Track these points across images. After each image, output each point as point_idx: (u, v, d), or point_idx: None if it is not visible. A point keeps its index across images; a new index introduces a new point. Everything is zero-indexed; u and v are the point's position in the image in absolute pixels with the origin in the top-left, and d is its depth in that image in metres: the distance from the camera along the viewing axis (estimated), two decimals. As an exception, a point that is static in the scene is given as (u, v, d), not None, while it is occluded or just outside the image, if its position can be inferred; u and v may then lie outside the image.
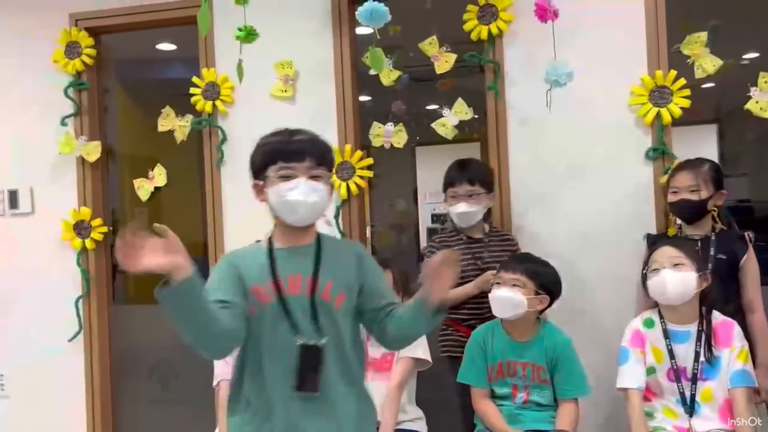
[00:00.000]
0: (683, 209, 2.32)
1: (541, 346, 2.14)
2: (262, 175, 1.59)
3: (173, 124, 3.10)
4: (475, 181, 2.42)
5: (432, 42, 2.81)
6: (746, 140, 5.69)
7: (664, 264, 2.01)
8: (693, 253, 2.04)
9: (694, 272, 1.98)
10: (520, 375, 2.14)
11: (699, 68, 2.57)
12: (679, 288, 1.99)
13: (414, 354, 2.20)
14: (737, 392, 1.94)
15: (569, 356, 2.12)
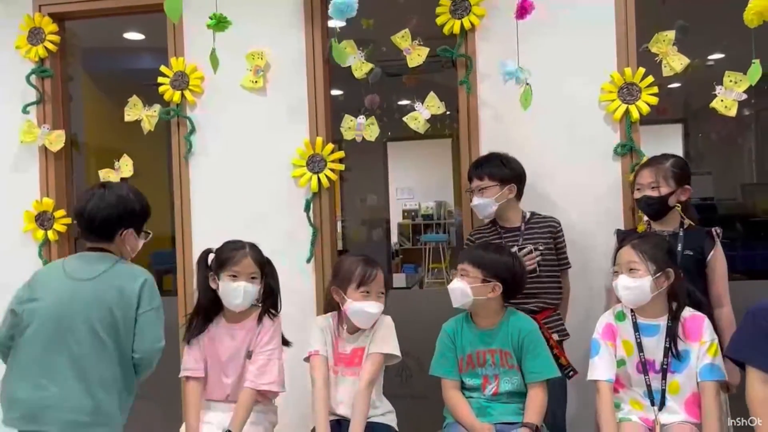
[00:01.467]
0: (645, 206, 2.37)
1: (506, 331, 2.15)
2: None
3: (140, 114, 3.04)
4: (484, 175, 2.48)
5: (404, 35, 2.80)
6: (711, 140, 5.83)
7: (621, 269, 2.05)
8: (653, 251, 2.03)
9: (649, 276, 1.99)
10: (489, 363, 2.15)
11: (666, 66, 2.61)
12: (632, 295, 2.02)
13: (383, 350, 2.19)
14: (706, 386, 1.96)
15: (535, 340, 2.14)
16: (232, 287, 2.18)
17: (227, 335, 2.25)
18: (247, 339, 2.23)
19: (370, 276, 2.15)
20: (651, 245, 2.06)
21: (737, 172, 5.76)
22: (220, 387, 2.25)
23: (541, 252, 2.43)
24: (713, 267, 2.31)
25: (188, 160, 3.03)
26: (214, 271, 2.22)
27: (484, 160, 2.54)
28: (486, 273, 2.12)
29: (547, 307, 2.45)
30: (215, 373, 2.25)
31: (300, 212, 2.92)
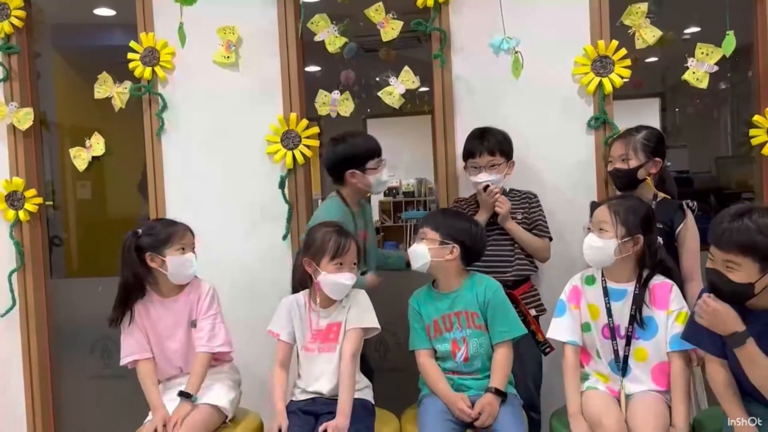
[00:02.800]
0: (615, 178, 2.39)
1: (471, 292, 2.16)
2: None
3: (111, 91, 2.98)
4: (495, 151, 2.46)
5: (378, 9, 2.77)
6: (687, 113, 5.86)
7: (594, 228, 2.04)
8: (627, 215, 2.00)
9: (614, 238, 1.98)
10: (456, 326, 2.15)
11: (639, 39, 2.61)
12: (594, 255, 2.02)
13: (363, 324, 2.20)
14: (675, 355, 1.96)
15: (500, 299, 2.16)
16: (185, 259, 2.25)
17: (164, 309, 2.29)
18: (185, 310, 2.29)
19: (343, 248, 2.14)
20: (626, 207, 2.02)
21: (713, 146, 5.81)
22: (169, 362, 2.30)
23: (518, 220, 2.45)
24: (682, 240, 2.28)
25: (160, 137, 2.99)
26: (153, 250, 2.24)
27: (489, 133, 2.48)
28: (443, 235, 2.15)
29: (522, 277, 2.46)
30: (161, 350, 2.29)
31: (275, 189, 2.90)
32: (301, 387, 2.22)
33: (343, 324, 2.20)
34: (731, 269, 1.69)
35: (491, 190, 2.42)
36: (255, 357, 2.59)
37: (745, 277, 1.68)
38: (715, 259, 1.73)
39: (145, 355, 2.26)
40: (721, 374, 1.80)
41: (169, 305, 2.29)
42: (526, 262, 2.49)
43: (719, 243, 1.70)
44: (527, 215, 2.50)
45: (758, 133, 2.59)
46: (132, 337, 2.27)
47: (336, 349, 2.19)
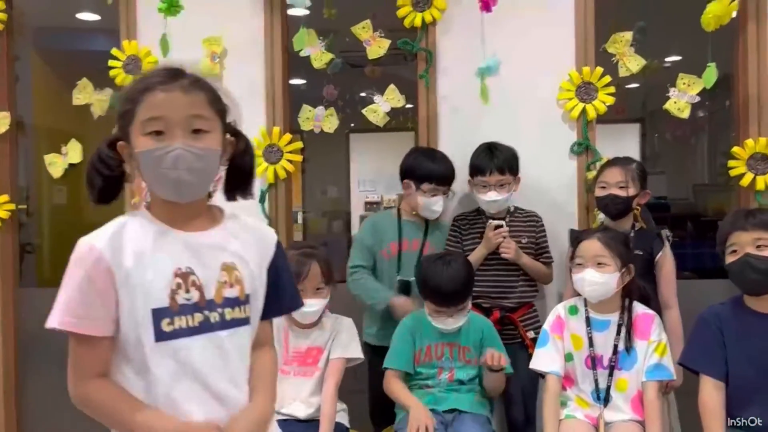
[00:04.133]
0: (611, 204, 2.35)
1: (468, 330, 2.18)
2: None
3: (90, 98, 2.93)
4: (505, 169, 2.43)
5: (365, 26, 2.77)
6: (666, 140, 5.95)
7: (587, 262, 2.02)
8: (619, 246, 2.04)
9: (616, 272, 1.99)
10: (447, 356, 2.17)
11: (623, 67, 2.64)
12: (600, 290, 2.01)
13: (347, 354, 2.18)
14: (649, 385, 1.97)
15: (494, 336, 2.21)
16: None
17: None
18: None
19: (301, 272, 2.07)
20: (616, 239, 2.04)
21: (690, 173, 5.90)
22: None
23: (523, 245, 2.44)
24: (660, 268, 2.33)
25: (140, 146, 2.94)
26: None
27: (498, 151, 2.45)
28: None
29: (524, 303, 2.47)
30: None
31: (256, 203, 2.87)
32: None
33: (324, 349, 2.17)
34: (763, 247, 1.76)
35: (500, 232, 2.39)
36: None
37: None
38: (741, 243, 1.78)
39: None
40: (714, 398, 1.81)
41: None
42: (529, 287, 2.49)
43: (746, 225, 1.78)
44: (533, 240, 2.49)
45: (737, 164, 2.63)
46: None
47: (314, 374, 2.16)
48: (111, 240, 1.20)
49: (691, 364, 1.91)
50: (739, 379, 1.81)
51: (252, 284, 1.30)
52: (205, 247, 1.26)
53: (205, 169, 1.22)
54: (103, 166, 1.25)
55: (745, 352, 1.81)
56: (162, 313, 1.20)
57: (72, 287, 1.19)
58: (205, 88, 1.23)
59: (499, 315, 2.41)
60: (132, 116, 1.20)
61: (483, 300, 2.45)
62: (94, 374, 1.22)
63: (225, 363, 1.26)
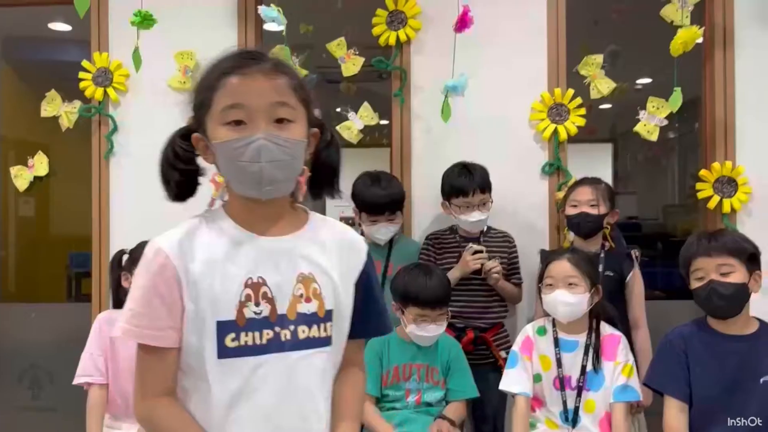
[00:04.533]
0: (583, 222, 2.36)
1: (435, 350, 2.17)
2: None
3: (59, 110, 2.88)
4: (485, 187, 2.42)
5: (340, 44, 2.77)
6: (637, 161, 6.04)
7: (558, 282, 2.02)
8: (588, 267, 2.05)
9: (587, 292, 2.00)
10: (414, 377, 2.15)
11: (594, 89, 2.67)
12: (571, 311, 2.01)
13: None
14: (617, 406, 1.98)
15: (461, 359, 2.19)
16: None
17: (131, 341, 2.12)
18: None
19: None
20: (584, 260, 2.06)
21: (660, 193, 5.99)
22: (121, 396, 2.13)
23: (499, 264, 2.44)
24: (631, 288, 2.36)
25: (108, 159, 2.89)
26: (129, 270, 2.11)
27: (475, 170, 2.43)
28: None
29: (496, 323, 2.47)
30: (114, 382, 2.13)
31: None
32: None
33: None
34: (727, 273, 1.77)
35: (479, 257, 2.38)
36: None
37: (740, 279, 1.77)
38: (706, 269, 1.79)
39: (99, 380, 2.10)
40: (678, 419, 1.82)
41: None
42: (501, 308, 2.50)
43: (710, 251, 1.78)
44: (506, 260, 2.50)
45: (704, 187, 2.67)
46: (91, 357, 2.11)
47: None
48: (180, 243, 1.09)
49: (656, 385, 1.92)
50: (702, 400, 1.83)
51: (335, 299, 1.13)
52: (281, 254, 1.10)
53: (291, 162, 1.07)
54: (178, 160, 1.13)
55: (709, 372, 1.83)
56: (227, 327, 1.05)
57: (137, 294, 1.08)
58: (288, 73, 1.09)
59: (473, 335, 2.40)
60: (208, 105, 1.08)
61: (457, 320, 2.44)
62: (160, 390, 1.09)
63: (293, 390, 1.09)
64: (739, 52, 2.67)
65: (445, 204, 2.50)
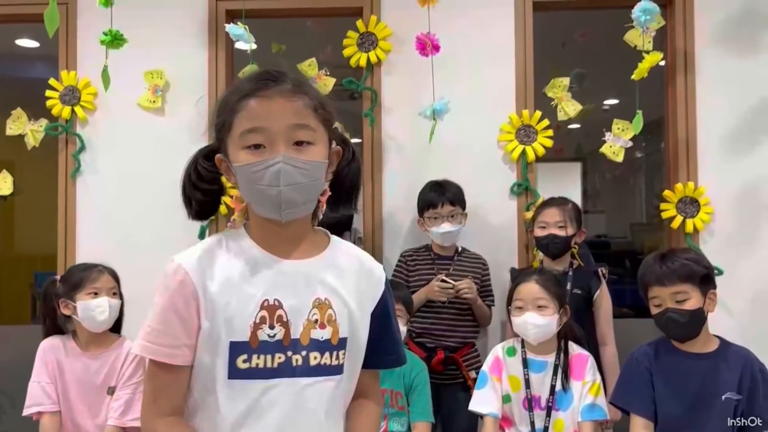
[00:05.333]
0: (551, 244, 2.40)
1: (399, 371, 2.14)
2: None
3: (24, 129, 2.84)
4: (455, 201, 2.47)
5: (311, 64, 2.78)
6: (605, 180, 6.15)
7: (527, 305, 2.03)
8: (555, 288, 2.07)
9: (555, 314, 2.02)
10: None
11: (561, 111, 2.73)
12: (541, 333, 2.03)
13: None
14: (585, 425, 1.99)
15: (424, 382, 2.16)
16: (95, 303, 2.05)
17: (79, 365, 2.09)
18: (102, 371, 2.09)
19: None
20: (552, 281, 2.08)
21: (628, 212, 6.10)
22: (73, 424, 2.09)
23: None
24: (598, 306, 2.40)
25: (75, 179, 2.85)
26: (66, 296, 2.07)
27: (447, 185, 2.51)
28: (408, 311, 2.21)
29: (466, 342, 2.48)
30: (67, 410, 2.08)
31: (195, 238, 2.80)
32: None
33: None
34: (682, 301, 1.79)
35: (445, 288, 2.39)
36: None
37: (695, 305, 1.79)
38: (662, 297, 1.81)
39: (51, 407, 2.05)
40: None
41: (87, 361, 2.09)
42: (470, 328, 2.51)
43: (664, 280, 1.79)
44: (478, 282, 2.52)
45: (668, 207, 2.73)
46: (39, 386, 2.06)
47: None
48: (199, 261, 1.07)
49: (621, 403, 1.95)
50: (667, 417, 1.86)
51: (350, 327, 1.11)
52: (300, 277, 1.09)
53: (310, 185, 1.06)
54: (201, 180, 1.12)
55: (673, 390, 1.86)
56: (240, 348, 1.04)
57: (155, 311, 1.07)
58: (309, 93, 1.08)
59: (443, 356, 2.41)
60: (229, 127, 1.07)
61: (427, 339, 2.45)
62: (170, 409, 1.07)
63: (300, 415, 1.07)
64: (699, 75, 2.75)
65: (420, 220, 2.55)
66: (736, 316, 2.66)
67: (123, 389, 2.07)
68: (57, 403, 2.07)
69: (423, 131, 2.70)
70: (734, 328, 2.58)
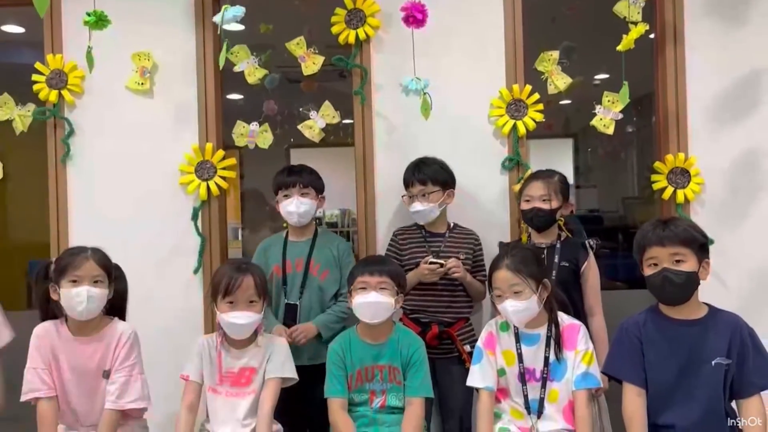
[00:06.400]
0: (535, 218, 2.42)
1: (396, 347, 2.17)
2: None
3: (12, 114, 2.81)
4: (427, 180, 2.48)
5: (299, 43, 2.76)
6: (597, 155, 6.16)
7: (504, 292, 2.04)
8: (529, 267, 2.05)
9: (534, 295, 2.02)
10: (378, 379, 2.15)
11: (551, 84, 2.72)
12: (523, 316, 2.04)
13: (284, 374, 2.14)
14: (579, 394, 2.02)
15: (421, 357, 2.17)
16: (74, 293, 2.01)
17: (72, 351, 2.08)
18: (96, 356, 2.08)
19: (233, 284, 2.05)
20: (525, 262, 2.06)
21: (620, 186, 6.12)
22: (69, 408, 2.09)
23: (461, 260, 2.46)
24: (586, 277, 2.42)
25: (65, 163, 2.84)
26: (55, 281, 2.05)
27: (423, 164, 2.52)
28: (397, 285, 2.17)
29: (460, 317, 2.50)
30: (62, 394, 2.08)
31: (188, 220, 2.80)
32: (207, 429, 2.15)
33: (258, 370, 2.14)
34: (680, 261, 1.84)
35: (434, 269, 2.39)
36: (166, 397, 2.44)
37: (691, 267, 1.84)
38: (660, 258, 1.85)
39: (48, 393, 2.04)
40: (635, 403, 1.89)
41: (79, 347, 2.08)
42: (465, 304, 2.53)
43: (665, 241, 1.84)
44: (470, 257, 2.54)
45: (659, 179, 2.74)
46: (35, 372, 2.05)
47: (247, 395, 2.12)
48: None
49: (613, 372, 1.99)
50: (657, 384, 1.90)
51: None
52: None
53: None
54: None
55: (663, 356, 1.89)
56: None
57: None
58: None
59: (438, 330, 2.43)
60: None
61: (422, 315, 2.47)
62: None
63: None
64: (689, 47, 2.75)
65: (404, 198, 2.57)
66: (727, 285, 2.69)
67: (118, 372, 2.07)
68: (53, 388, 2.06)
69: (413, 108, 2.69)
70: (724, 296, 2.61)
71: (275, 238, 2.64)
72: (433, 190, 2.48)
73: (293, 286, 2.50)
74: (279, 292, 2.50)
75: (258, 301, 2.10)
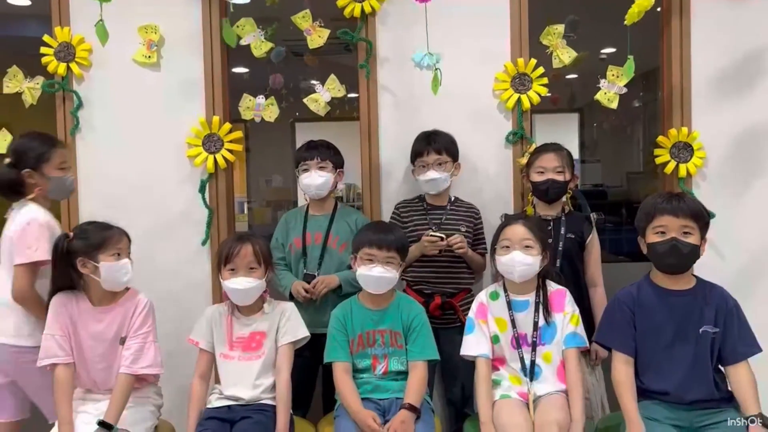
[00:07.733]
0: (551, 189, 2.44)
1: (397, 313, 2.22)
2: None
3: (21, 86, 2.84)
4: (442, 150, 2.53)
5: (305, 16, 2.77)
6: (603, 129, 6.15)
7: (515, 244, 2.11)
8: (540, 233, 2.16)
9: (539, 255, 2.11)
10: (379, 343, 2.21)
11: (556, 58, 2.72)
12: (528, 271, 2.11)
13: (297, 336, 2.22)
14: (569, 353, 2.11)
15: (422, 322, 2.23)
16: (120, 265, 2.11)
17: (92, 319, 2.14)
18: (114, 323, 2.15)
19: (232, 252, 2.16)
20: (538, 226, 2.19)
21: (625, 161, 6.12)
22: (88, 375, 2.16)
23: (462, 233, 2.50)
24: (589, 250, 2.48)
25: (74, 136, 2.87)
26: (85, 255, 2.10)
27: (436, 134, 2.57)
28: (401, 257, 2.23)
29: (462, 288, 2.55)
30: (81, 361, 2.15)
31: (195, 193, 2.85)
32: (218, 390, 2.23)
33: (268, 333, 2.21)
34: (688, 234, 1.91)
35: (435, 242, 2.43)
36: (175, 365, 2.51)
37: (696, 241, 1.92)
38: (670, 227, 1.91)
39: (65, 359, 2.10)
40: (624, 372, 1.98)
41: (99, 316, 2.14)
42: (468, 275, 2.58)
43: (678, 212, 1.91)
44: (471, 230, 2.58)
45: (662, 153, 2.76)
46: (53, 338, 2.11)
47: (259, 357, 2.20)
48: None
49: (603, 340, 2.09)
50: (650, 351, 1.98)
51: None
52: None
53: None
54: None
55: (654, 325, 1.97)
56: None
57: None
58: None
59: (440, 301, 2.48)
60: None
61: (425, 286, 2.52)
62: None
63: None
64: (694, 20, 2.74)
65: (412, 169, 2.61)
66: (724, 257, 2.72)
67: (133, 339, 2.13)
68: (71, 354, 2.13)
69: (418, 82, 2.71)
70: (723, 269, 2.65)
71: (296, 211, 2.70)
72: (447, 160, 2.53)
73: (312, 258, 2.55)
74: (298, 263, 2.56)
75: (258, 267, 2.18)
